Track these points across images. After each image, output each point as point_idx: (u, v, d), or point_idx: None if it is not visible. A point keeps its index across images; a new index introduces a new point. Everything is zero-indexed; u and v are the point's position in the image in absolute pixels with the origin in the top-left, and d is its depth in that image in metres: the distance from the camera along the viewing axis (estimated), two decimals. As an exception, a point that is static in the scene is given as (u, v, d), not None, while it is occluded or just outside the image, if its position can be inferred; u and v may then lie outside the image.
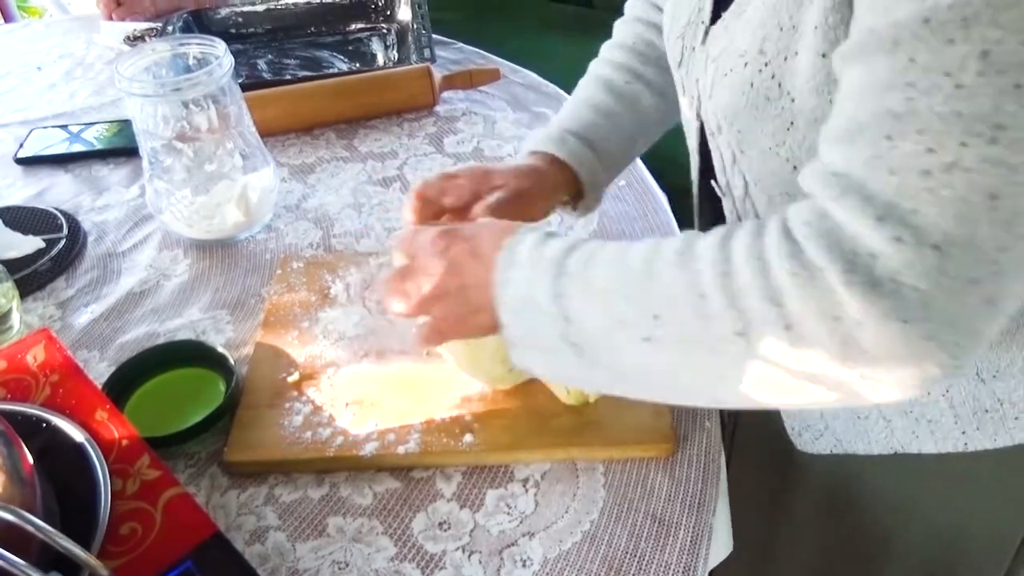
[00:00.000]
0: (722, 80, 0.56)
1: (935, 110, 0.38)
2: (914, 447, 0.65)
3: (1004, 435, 0.62)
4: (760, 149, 0.55)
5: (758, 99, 0.53)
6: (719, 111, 0.57)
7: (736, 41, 0.54)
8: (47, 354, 0.65)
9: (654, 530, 0.60)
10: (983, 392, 0.60)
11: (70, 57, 1.36)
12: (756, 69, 0.52)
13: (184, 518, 0.55)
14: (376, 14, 1.36)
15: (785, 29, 0.50)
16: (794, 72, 0.50)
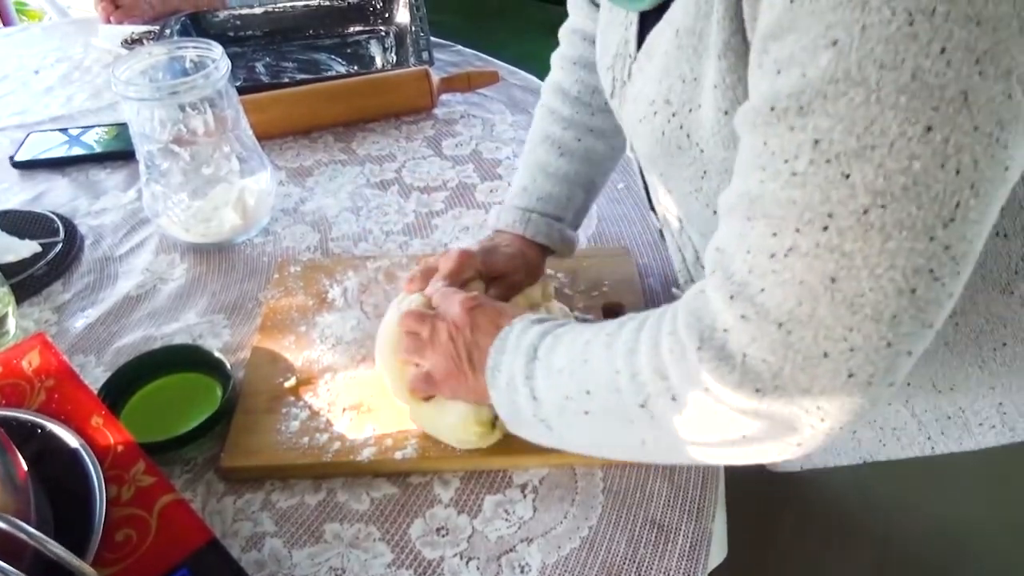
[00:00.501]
0: (638, 124, 0.56)
1: (776, 195, 0.40)
2: (882, 455, 0.65)
3: (969, 440, 0.62)
4: (682, 192, 0.57)
5: (670, 147, 0.53)
6: (640, 152, 0.58)
7: (648, 87, 0.55)
8: (42, 359, 0.65)
9: (653, 536, 0.59)
10: (943, 401, 0.60)
11: (68, 60, 1.36)
12: (665, 119, 0.53)
13: (179, 525, 0.55)
14: (374, 17, 1.36)
15: (687, 81, 0.50)
16: (699, 124, 0.50)
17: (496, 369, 0.56)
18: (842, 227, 0.38)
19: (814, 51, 0.37)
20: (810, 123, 0.38)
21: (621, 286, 0.79)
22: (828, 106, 0.37)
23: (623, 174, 0.98)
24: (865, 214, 0.37)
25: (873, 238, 0.38)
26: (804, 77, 0.38)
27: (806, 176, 0.38)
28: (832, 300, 0.39)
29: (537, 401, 0.53)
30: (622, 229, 0.90)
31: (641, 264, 0.83)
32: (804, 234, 0.39)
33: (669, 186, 0.58)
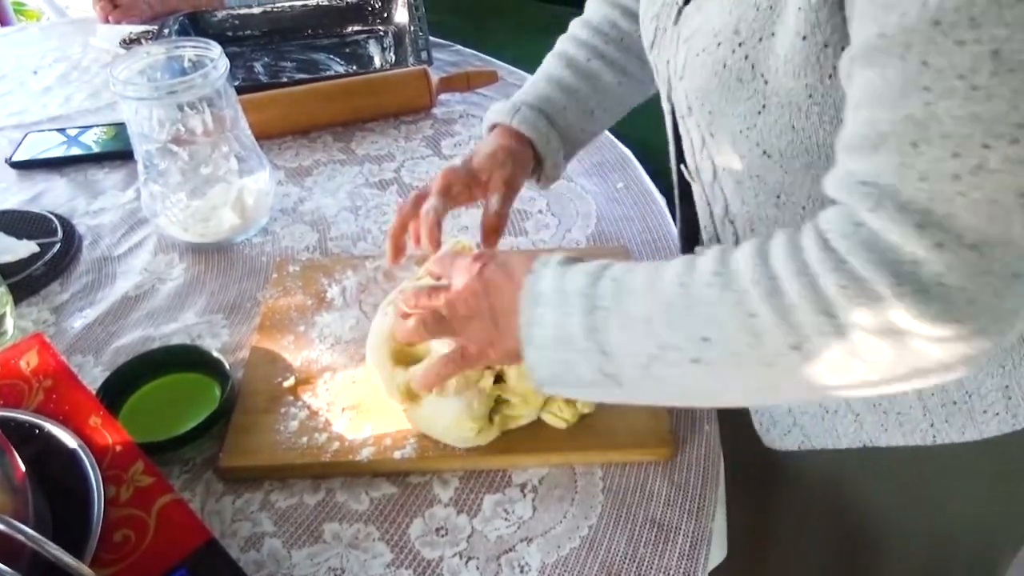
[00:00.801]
0: (694, 60, 0.55)
1: (954, 114, 0.38)
2: (883, 440, 0.65)
3: (972, 429, 0.62)
4: (730, 132, 0.55)
5: (730, 80, 0.52)
6: (690, 92, 0.57)
7: (710, 20, 0.54)
8: (40, 359, 0.65)
9: (653, 535, 0.59)
10: (951, 383, 0.60)
11: (66, 60, 1.36)
12: (730, 49, 0.52)
13: (178, 525, 0.55)
14: (373, 16, 1.36)
15: (761, 9, 0.49)
16: (769, 53, 0.50)
17: (532, 325, 0.51)
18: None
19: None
20: (985, 34, 0.37)
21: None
22: (1005, 13, 0.36)
23: (622, 173, 0.98)
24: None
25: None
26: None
27: (989, 88, 0.37)
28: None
29: (607, 355, 0.49)
30: (621, 228, 0.89)
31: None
32: (993, 149, 0.38)
33: (715, 128, 0.56)
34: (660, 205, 0.93)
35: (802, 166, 0.53)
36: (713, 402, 0.51)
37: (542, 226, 0.90)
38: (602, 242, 0.88)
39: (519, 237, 0.89)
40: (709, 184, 0.63)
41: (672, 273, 0.48)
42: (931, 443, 0.63)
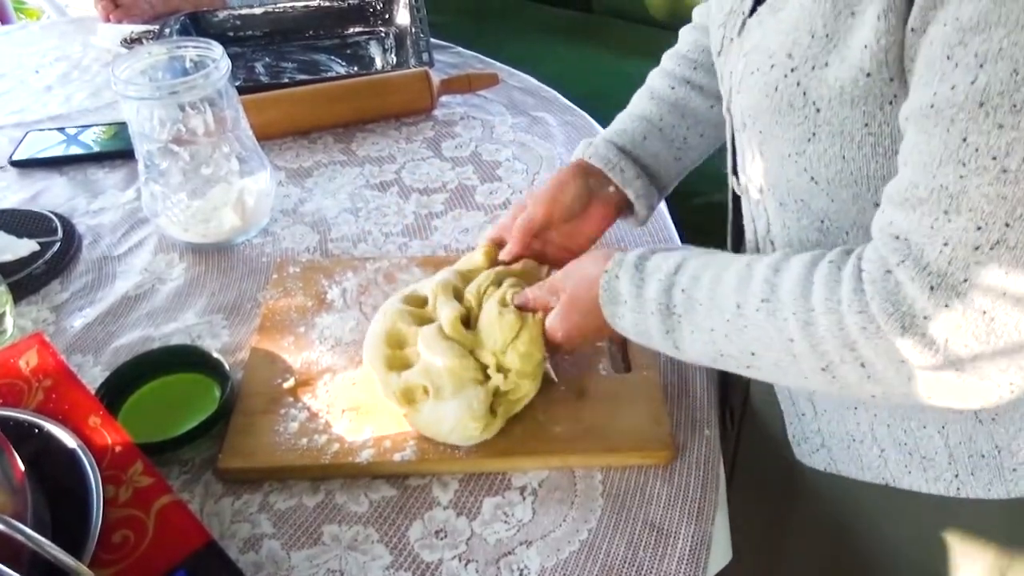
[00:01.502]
0: (749, 77, 0.55)
1: (983, 191, 0.41)
2: (905, 482, 0.64)
3: (999, 486, 0.60)
4: (779, 154, 0.56)
5: (781, 104, 0.53)
6: (744, 108, 0.57)
7: (767, 40, 0.54)
8: (40, 359, 0.65)
9: (653, 539, 0.59)
10: (980, 435, 0.59)
11: (67, 59, 1.36)
12: (782, 73, 0.52)
13: (177, 526, 0.54)
14: (374, 18, 1.36)
15: (817, 37, 0.49)
16: (821, 82, 0.50)
17: (615, 317, 0.58)
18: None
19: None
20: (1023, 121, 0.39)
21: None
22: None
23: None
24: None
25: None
26: (1016, 73, 0.39)
27: (1019, 174, 0.40)
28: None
29: (679, 350, 0.56)
30: (622, 231, 0.89)
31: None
32: (1014, 228, 0.41)
33: (765, 147, 0.57)
34: (661, 208, 0.93)
35: (849, 196, 0.54)
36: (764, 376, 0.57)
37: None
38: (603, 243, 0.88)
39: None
40: (755, 201, 0.63)
41: (730, 291, 0.53)
42: (955, 495, 0.62)
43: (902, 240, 0.45)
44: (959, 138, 0.42)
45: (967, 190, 0.42)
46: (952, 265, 0.43)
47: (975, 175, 0.41)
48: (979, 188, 0.41)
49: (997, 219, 0.41)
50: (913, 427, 0.61)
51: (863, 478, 0.66)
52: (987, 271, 0.42)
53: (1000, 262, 0.42)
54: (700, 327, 0.54)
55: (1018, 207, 0.41)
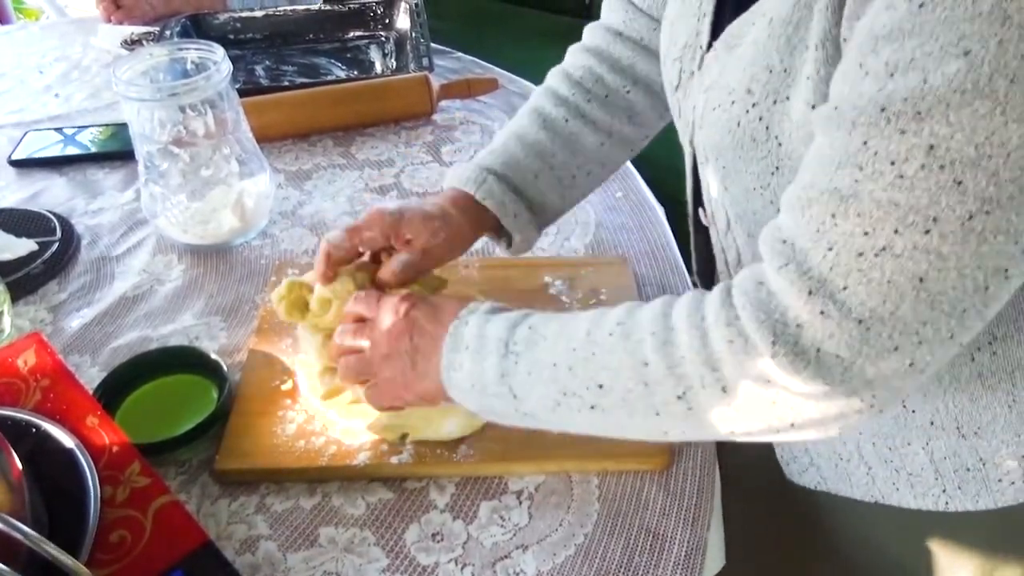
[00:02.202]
0: (711, 114, 0.55)
1: (875, 196, 0.40)
2: (894, 499, 0.64)
3: (987, 497, 0.60)
4: (744, 188, 0.55)
5: (744, 139, 0.52)
6: (707, 144, 0.57)
7: (726, 76, 0.54)
8: (38, 358, 0.65)
9: (648, 544, 0.59)
10: (964, 449, 0.59)
11: (67, 60, 1.36)
12: (744, 109, 0.52)
13: (174, 526, 0.55)
14: (375, 22, 1.36)
15: (775, 72, 0.49)
16: (783, 117, 0.50)
17: (452, 368, 0.54)
18: (944, 231, 0.39)
19: (941, 58, 0.37)
20: (925, 128, 0.38)
21: (618, 294, 0.79)
22: (951, 114, 0.38)
23: (621, 182, 0.98)
24: (970, 219, 0.39)
25: (971, 242, 0.39)
26: (925, 83, 0.38)
27: (915, 180, 0.39)
28: (916, 298, 0.40)
29: (519, 399, 0.52)
30: (619, 237, 0.90)
31: (639, 273, 0.84)
32: (902, 235, 0.40)
33: (729, 182, 0.56)
34: (658, 214, 0.93)
35: None
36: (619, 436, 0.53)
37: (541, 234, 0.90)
38: (600, 251, 0.88)
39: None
40: (723, 232, 0.63)
41: (583, 322, 0.51)
42: (943, 509, 0.62)
43: (788, 244, 0.44)
44: (860, 141, 0.41)
45: (859, 194, 0.41)
46: (834, 271, 0.41)
47: (870, 180, 0.40)
48: (872, 193, 0.40)
49: (886, 225, 0.40)
50: (898, 444, 0.61)
51: (853, 496, 0.67)
52: (867, 278, 0.40)
53: (883, 270, 0.40)
54: (539, 363, 0.50)
55: (910, 214, 0.39)
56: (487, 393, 0.53)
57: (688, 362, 0.46)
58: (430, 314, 0.57)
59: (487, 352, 0.52)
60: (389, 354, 0.58)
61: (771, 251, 0.45)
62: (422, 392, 0.57)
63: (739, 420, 0.46)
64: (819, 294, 0.42)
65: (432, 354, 0.55)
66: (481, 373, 0.53)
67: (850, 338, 0.41)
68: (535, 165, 0.69)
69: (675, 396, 0.46)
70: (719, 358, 0.45)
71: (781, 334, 0.42)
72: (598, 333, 0.49)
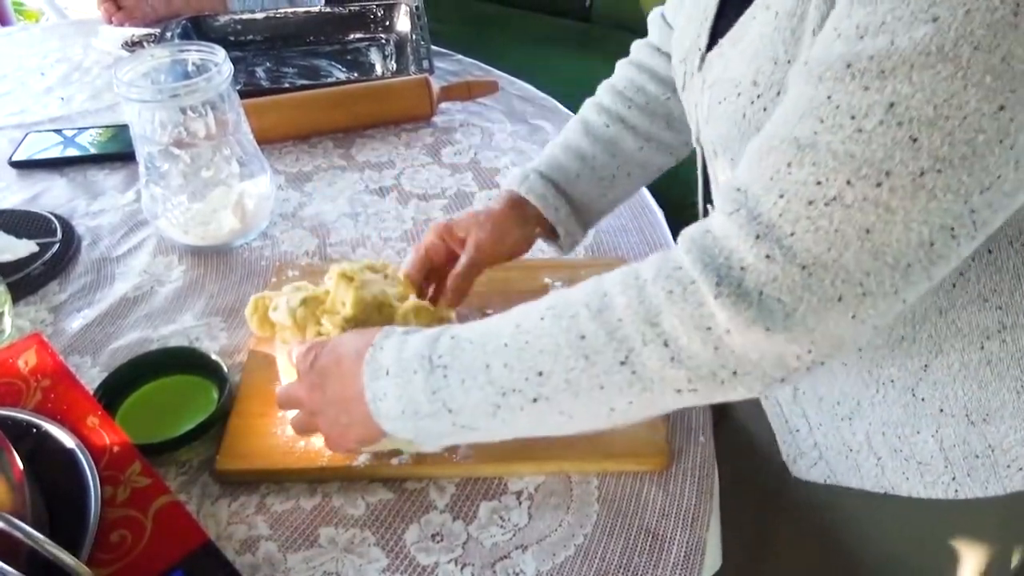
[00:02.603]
0: (717, 108, 0.56)
1: (833, 147, 0.41)
2: (904, 489, 0.64)
3: (995, 483, 0.61)
4: None
5: (749, 130, 0.53)
6: (714, 138, 0.58)
7: (730, 70, 0.55)
8: (39, 359, 0.65)
9: (648, 544, 0.59)
10: (973, 436, 0.60)
11: (68, 61, 1.36)
12: (749, 100, 0.53)
13: (175, 526, 0.55)
14: (375, 24, 1.36)
15: (779, 63, 0.50)
16: None
17: (377, 399, 0.53)
18: (895, 185, 0.40)
19: (911, 23, 0.39)
20: (888, 86, 0.40)
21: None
22: (913, 75, 0.39)
23: (621, 185, 0.98)
24: (921, 175, 0.40)
25: (920, 198, 0.40)
26: (892, 44, 0.39)
27: (872, 134, 0.40)
28: (860, 248, 0.41)
29: (454, 412, 0.51)
30: (619, 240, 0.90)
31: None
32: (854, 186, 0.41)
33: None
34: (658, 217, 0.94)
35: None
36: (565, 432, 0.52)
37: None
38: (600, 253, 0.89)
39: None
40: None
41: (510, 317, 0.51)
42: (953, 496, 0.62)
43: (741, 191, 0.45)
44: (824, 95, 0.42)
45: (817, 144, 0.42)
46: (783, 217, 0.42)
47: (829, 131, 0.41)
48: (829, 144, 0.41)
49: (840, 176, 0.41)
50: (907, 433, 0.62)
51: (863, 487, 0.67)
52: (815, 226, 0.42)
53: (831, 219, 0.41)
54: (471, 369, 0.50)
55: (864, 167, 0.40)
56: (420, 415, 0.52)
57: (627, 323, 0.46)
58: (333, 358, 0.57)
59: (410, 372, 0.52)
60: (315, 411, 0.58)
61: (724, 198, 0.46)
62: (360, 438, 0.57)
63: (681, 375, 0.45)
64: (766, 239, 0.43)
65: (353, 397, 0.54)
66: (410, 396, 0.52)
67: (792, 283, 0.42)
68: (576, 166, 0.75)
69: (618, 362, 0.46)
70: (658, 311, 0.45)
71: (725, 276, 0.43)
72: (527, 322, 0.49)
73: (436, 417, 0.51)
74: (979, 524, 0.65)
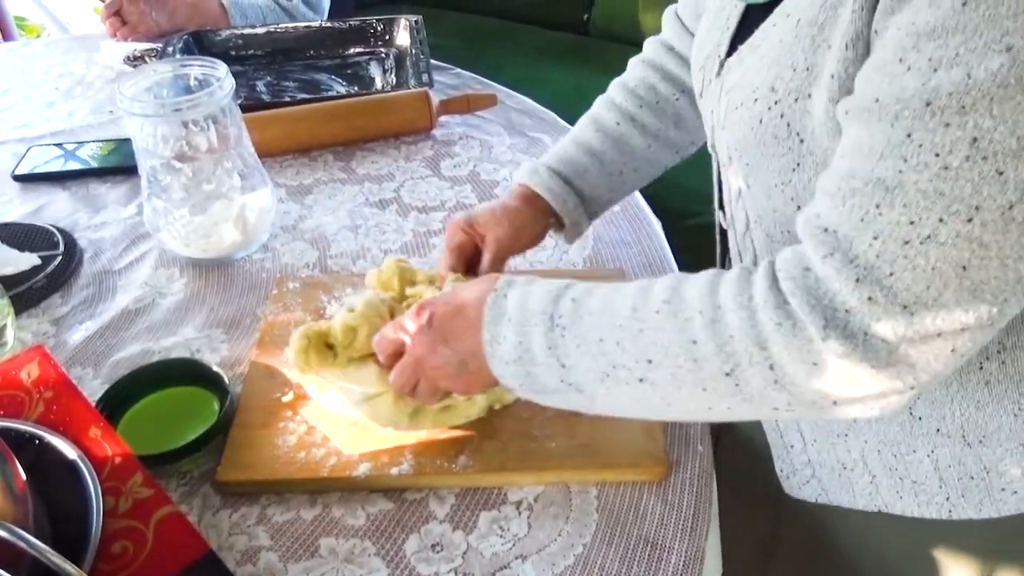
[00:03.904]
0: (733, 113, 0.57)
1: (921, 186, 0.42)
2: (898, 508, 0.64)
3: (989, 506, 0.61)
4: (765, 185, 0.57)
5: (766, 136, 0.54)
6: (730, 144, 0.59)
7: (749, 76, 0.55)
8: (41, 370, 0.65)
9: (647, 554, 0.60)
10: (969, 457, 0.60)
11: (70, 76, 1.37)
12: (766, 106, 0.53)
13: (176, 537, 0.55)
14: (375, 39, 1.38)
15: (798, 70, 0.51)
16: (805, 114, 0.51)
17: (496, 342, 0.54)
18: (986, 220, 0.41)
19: (985, 54, 0.39)
20: (970, 121, 0.40)
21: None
22: (994, 107, 0.39)
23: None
24: (1010, 209, 0.40)
25: (1012, 231, 0.41)
26: (969, 78, 0.40)
27: (959, 171, 0.41)
28: (960, 286, 0.42)
29: (567, 368, 0.52)
30: (617, 251, 0.91)
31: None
32: (947, 224, 0.41)
33: (752, 179, 0.58)
34: (655, 228, 0.94)
35: None
36: (665, 416, 0.54)
37: (539, 248, 0.91)
38: (599, 264, 0.89)
39: (516, 258, 0.90)
40: (742, 233, 0.64)
41: (627, 297, 0.52)
42: (947, 517, 0.62)
43: (830, 233, 0.45)
44: (903, 134, 0.42)
45: (904, 184, 0.42)
46: (880, 259, 0.43)
47: (914, 171, 0.42)
48: (917, 184, 0.42)
49: (932, 214, 0.41)
50: (903, 451, 0.62)
51: (855, 506, 0.67)
52: (912, 266, 0.42)
53: (927, 258, 0.42)
54: (586, 338, 0.51)
55: (954, 203, 0.41)
56: (535, 362, 0.53)
57: (737, 340, 0.47)
58: (453, 310, 0.58)
59: (532, 325, 0.53)
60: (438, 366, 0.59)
61: (813, 240, 0.46)
62: (472, 379, 0.58)
63: (784, 397, 0.47)
64: (866, 281, 0.43)
65: (473, 342, 0.56)
66: (528, 344, 0.53)
67: (896, 323, 0.43)
68: (585, 160, 0.77)
69: (723, 373, 0.47)
70: (767, 337, 0.46)
71: (831, 319, 0.44)
72: (644, 310, 0.50)
73: (549, 368, 0.53)
74: (971, 545, 0.65)
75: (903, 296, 0.43)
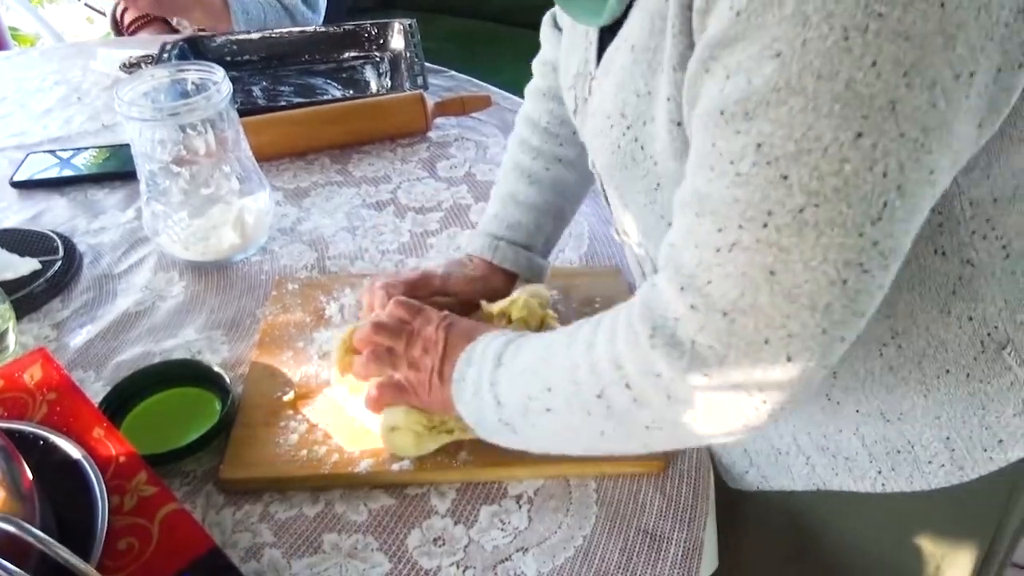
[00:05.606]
0: (596, 139, 0.58)
1: (721, 194, 0.43)
2: (835, 484, 0.65)
3: (920, 479, 0.62)
4: (637, 204, 0.59)
5: (625, 160, 0.55)
6: (599, 166, 0.60)
7: (604, 102, 0.56)
8: (44, 373, 0.66)
9: (646, 545, 0.60)
10: (892, 433, 0.61)
11: (67, 84, 1.38)
12: (620, 132, 0.54)
13: (181, 533, 0.55)
14: (369, 43, 1.38)
15: (641, 95, 0.52)
16: (652, 137, 0.52)
17: (461, 380, 0.59)
18: (779, 224, 0.41)
19: (760, 60, 0.40)
20: (754, 127, 0.41)
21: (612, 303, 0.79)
22: (770, 112, 0.40)
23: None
24: (801, 212, 0.40)
25: (808, 234, 0.40)
26: (750, 84, 0.40)
27: (749, 176, 0.41)
28: (772, 291, 0.42)
29: (501, 405, 0.55)
30: (613, 249, 0.91)
31: (632, 282, 0.85)
32: (746, 230, 0.42)
33: (625, 200, 0.60)
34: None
35: None
36: (577, 451, 0.56)
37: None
38: (595, 262, 0.90)
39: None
40: (636, 245, 0.66)
41: (553, 335, 0.55)
42: (881, 490, 0.64)
43: (668, 245, 0.47)
44: (709, 143, 0.43)
45: (711, 194, 0.43)
46: (699, 267, 0.44)
47: (718, 179, 0.43)
48: (719, 191, 0.42)
49: (732, 221, 0.42)
50: (831, 431, 0.63)
51: (796, 487, 0.68)
52: (726, 273, 0.43)
53: (736, 264, 0.42)
54: (515, 371, 0.55)
55: (748, 209, 0.41)
56: (481, 400, 0.57)
57: (601, 360, 0.49)
58: (464, 332, 0.63)
59: (484, 366, 0.57)
60: (421, 357, 0.63)
61: (662, 255, 0.48)
62: (442, 399, 0.61)
63: (645, 417, 0.48)
64: (689, 289, 0.44)
65: (453, 368, 0.60)
66: (479, 384, 0.57)
67: (717, 330, 0.43)
68: (532, 218, 0.77)
69: (595, 395, 0.49)
70: (621, 356, 0.48)
71: (659, 327, 0.45)
72: (556, 341, 0.54)
73: (491, 406, 0.56)
74: (914, 517, 0.66)
75: (720, 303, 0.43)
